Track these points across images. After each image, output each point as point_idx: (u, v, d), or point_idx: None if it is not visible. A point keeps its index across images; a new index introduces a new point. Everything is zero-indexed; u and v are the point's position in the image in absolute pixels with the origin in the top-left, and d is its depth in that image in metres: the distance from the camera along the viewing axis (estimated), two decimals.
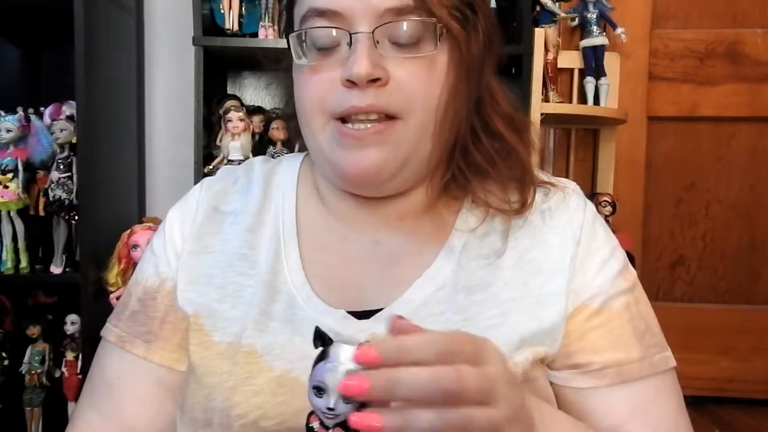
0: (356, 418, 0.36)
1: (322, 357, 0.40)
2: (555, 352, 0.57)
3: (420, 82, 0.55)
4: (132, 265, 1.37)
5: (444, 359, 0.38)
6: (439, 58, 0.56)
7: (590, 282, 0.59)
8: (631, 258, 0.65)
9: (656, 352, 0.59)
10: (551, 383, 0.59)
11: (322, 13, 0.55)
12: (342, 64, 0.54)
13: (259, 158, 0.72)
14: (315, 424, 0.42)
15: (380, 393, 0.37)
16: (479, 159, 0.60)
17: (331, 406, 0.39)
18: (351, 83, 0.54)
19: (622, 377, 0.57)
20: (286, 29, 0.62)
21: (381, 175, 0.56)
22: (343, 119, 0.55)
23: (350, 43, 0.54)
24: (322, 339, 0.41)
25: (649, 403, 0.58)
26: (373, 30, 0.53)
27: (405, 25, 0.54)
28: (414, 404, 0.38)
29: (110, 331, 0.65)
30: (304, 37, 0.57)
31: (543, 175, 0.64)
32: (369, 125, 0.54)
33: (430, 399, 0.37)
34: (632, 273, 0.62)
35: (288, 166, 0.69)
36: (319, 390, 0.39)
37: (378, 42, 0.54)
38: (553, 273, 0.58)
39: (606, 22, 1.72)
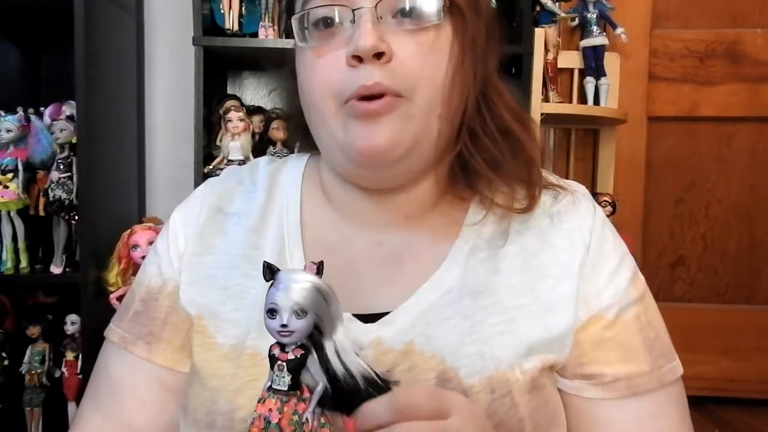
0: None
1: (271, 285, 0.42)
2: (564, 359, 0.57)
3: (424, 58, 0.54)
4: (132, 265, 1.37)
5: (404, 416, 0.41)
6: (442, 32, 0.55)
7: (602, 291, 0.58)
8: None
9: (664, 363, 0.59)
10: (560, 390, 0.59)
11: None
12: (346, 44, 0.53)
13: (264, 158, 0.71)
14: (276, 351, 0.43)
15: None
16: (488, 145, 0.58)
17: (284, 322, 0.41)
18: (356, 59, 0.52)
19: (632, 390, 0.57)
20: (289, 15, 0.61)
21: (393, 153, 0.54)
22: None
23: (353, 20, 0.53)
24: (270, 270, 0.43)
25: (656, 416, 0.58)
26: (376, 4, 0.53)
27: None
28: None
29: (113, 331, 0.64)
30: (306, 23, 0.56)
31: (552, 178, 0.63)
32: (380, 99, 0.53)
33: None
34: (641, 280, 0.61)
35: (293, 167, 0.68)
36: (272, 312, 0.41)
37: (381, 17, 0.53)
38: (561, 278, 0.58)
39: (606, 22, 1.72)
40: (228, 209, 0.65)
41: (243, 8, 1.58)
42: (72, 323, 1.52)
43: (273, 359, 0.43)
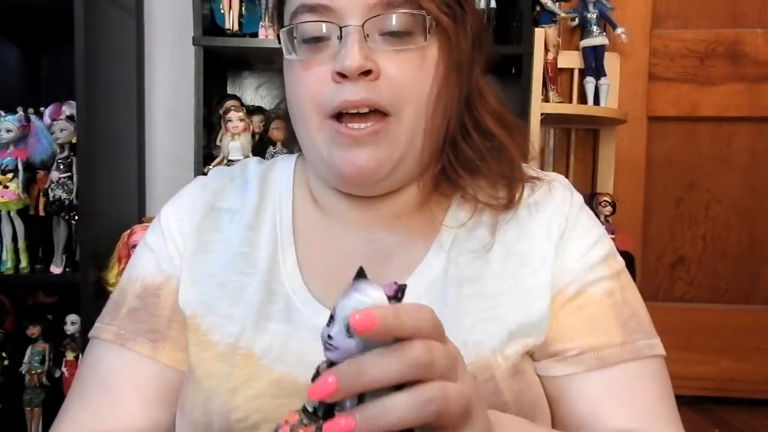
0: (327, 427, 0.35)
1: (346, 289, 0.38)
2: (541, 343, 0.57)
3: (410, 76, 0.55)
4: None
5: (430, 333, 0.37)
6: (429, 51, 0.56)
7: (568, 268, 0.59)
8: (631, 258, 0.64)
9: (640, 338, 0.57)
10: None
11: (312, 8, 0.55)
12: (332, 59, 0.54)
13: (253, 159, 0.72)
14: (323, 365, 0.38)
15: (348, 383, 0.35)
16: (469, 154, 0.60)
17: (331, 334, 0.36)
18: (342, 76, 0.53)
19: (600, 362, 0.56)
20: (279, 22, 0.62)
21: (377, 174, 0.56)
22: (339, 118, 0.55)
23: (340, 37, 0.54)
24: (359, 275, 0.39)
25: (629, 388, 0.56)
26: (363, 23, 0.53)
27: (394, 18, 0.54)
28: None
29: (104, 329, 0.62)
30: (294, 33, 0.56)
31: (531, 171, 0.64)
32: (364, 125, 0.54)
33: (401, 377, 0.35)
34: (619, 261, 0.62)
35: (283, 167, 0.68)
36: (330, 318, 0.37)
37: (368, 35, 0.54)
38: (539, 265, 0.59)
39: (606, 22, 1.72)
40: (221, 206, 0.65)
41: (243, 8, 1.58)
42: (72, 323, 1.52)
43: (316, 374, 0.38)
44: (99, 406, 0.60)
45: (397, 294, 0.37)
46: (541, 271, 0.58)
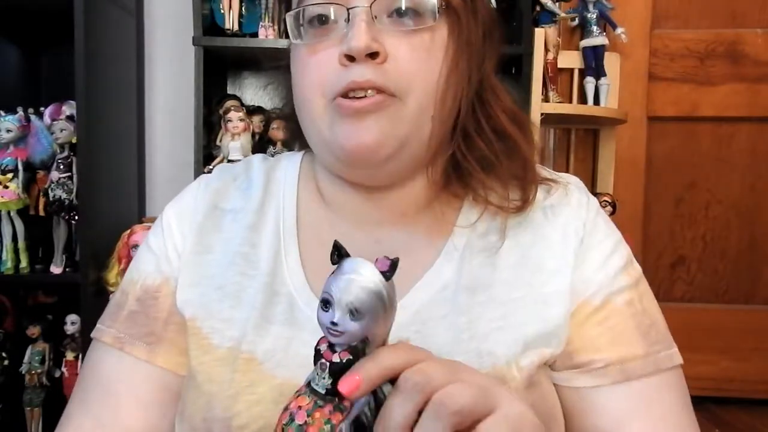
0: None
1: (333, 271, 0.37)
2: (560, 353, 0.56)
3: (419, 59, 0.53)
4: None
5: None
6: (438, 33, 0.54)
7: (591, 278, 0.58)
8: None
9: (661, 349, 0.57)
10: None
11: None
12: (340, 42, 0.53)
13: (258, 156, 0.70)
14: (323, 346, 0.38)
15: None
16: (482, 146, 0.58)
17: (335, 320, 0.36)
18: (349, 59, 0.52)
19: (624, 375, 0.56)
20: (286, 11, 0.60)
21: (380, 152, 0.54)
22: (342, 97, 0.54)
23: (348, 19, 0.53)
24: (338, 252, 0.38)
25: (652, 402, 0.56)
26: (371, 4, 0.52)
27: None
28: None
29: (104, 332, 0.61)
30: (301, 19, 0.56)
31: (545, 172, 0.63)
32: (368, 95, 0.53)
33: (414, 409, 0.37)
34: (636, 269, 0.61)
35: (288, 164, 0.67)
36: (325, 303, 0.36)
37: (376, 17, 0.53)
38: (555, 271, 0.57)
39: (606, 22, 1.72)
40: (224, 206, 0.64)
41: (243, 8, 1.58)
42: (72, 323, 1.52)
43: (318, 355, 0.38)
44: (100, 413, 0.59)
45: (392, 269, 0.37)
46: (557, 277, 0.57)
